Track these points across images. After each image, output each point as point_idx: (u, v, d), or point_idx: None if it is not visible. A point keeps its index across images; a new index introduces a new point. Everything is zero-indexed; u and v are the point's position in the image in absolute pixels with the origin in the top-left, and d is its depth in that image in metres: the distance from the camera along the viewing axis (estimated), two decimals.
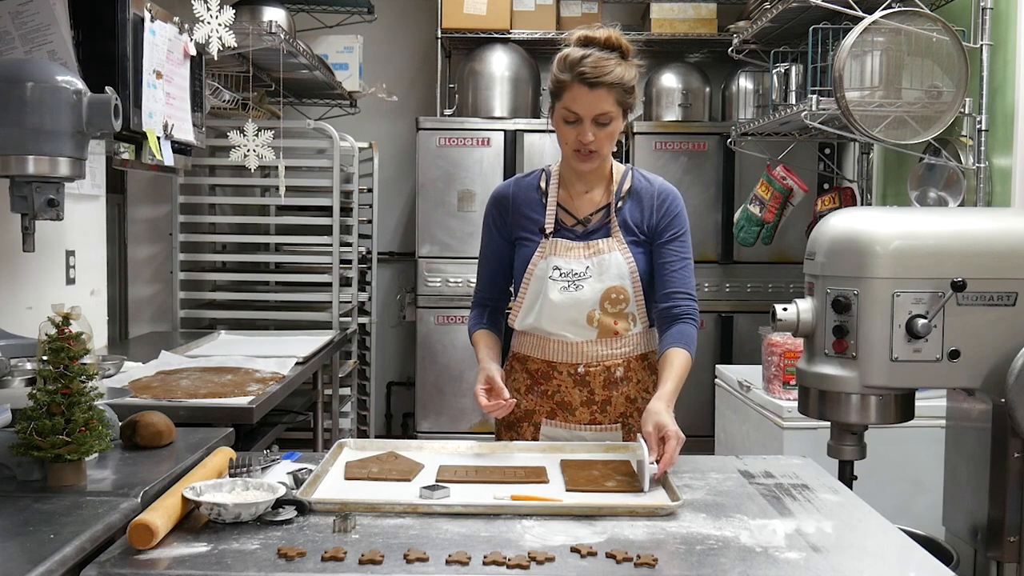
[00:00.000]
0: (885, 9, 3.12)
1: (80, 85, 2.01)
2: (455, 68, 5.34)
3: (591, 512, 1.64)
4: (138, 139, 2.61)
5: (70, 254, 3.12)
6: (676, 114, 4.93)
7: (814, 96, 3.37)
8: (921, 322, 2.09)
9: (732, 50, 4.33)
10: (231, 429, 2.26)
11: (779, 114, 3.80)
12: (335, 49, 4.71)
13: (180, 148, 2.91)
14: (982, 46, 3.17)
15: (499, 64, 4.97)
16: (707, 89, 5.02)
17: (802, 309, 2.22)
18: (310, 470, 1.80)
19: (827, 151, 4.72)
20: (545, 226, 2.21)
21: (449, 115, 5.05)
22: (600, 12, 5.10)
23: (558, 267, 2.17)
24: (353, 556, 1.41)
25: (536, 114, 5.07)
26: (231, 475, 1.76)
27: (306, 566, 1.38)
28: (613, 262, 2.17)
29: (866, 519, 1.68)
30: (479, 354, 2.23)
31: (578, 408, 2.21)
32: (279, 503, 1.59)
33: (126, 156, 2.64)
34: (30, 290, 2.83)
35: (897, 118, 3.14)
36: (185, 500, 1.55)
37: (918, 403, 2.29)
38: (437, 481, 1.79)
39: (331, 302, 4.47)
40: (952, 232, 2.18)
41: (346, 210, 4.60)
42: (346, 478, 1.83)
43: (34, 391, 1.64)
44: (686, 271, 2.21)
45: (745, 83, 4.87)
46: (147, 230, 4.85)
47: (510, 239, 2.27)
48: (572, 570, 1.40)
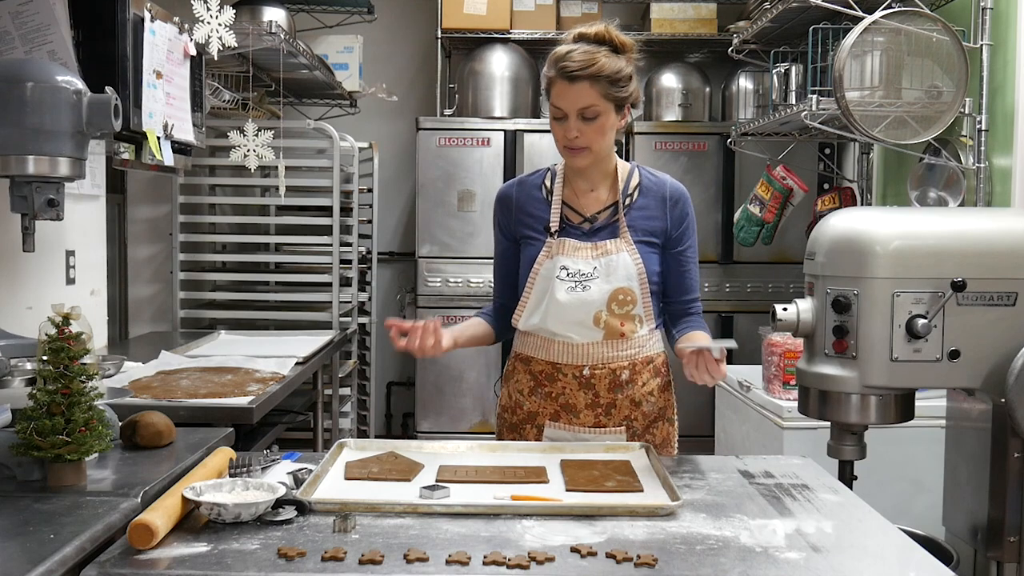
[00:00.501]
0: (885, 9, 3.12)
1: (80, 85, 2.01)
2: (455, 68, 5.35)
3: (591, 512, 1.64)
4: (138, 139, 2.61)
5: (70, 254, 3.12)
6: (676, 114, 4.94)
7: (814, 96, 3.37)
8: (921, 322, 2.09)
9: (732, 50, 4.33)
10: (231, 429, 2.26)
11: (779, 114, 3.80)
12: (335, 49, 4.71)
13: (180, 148, 2.91)
14: (982, 46, 3.17)
15: (499, 64, 4.97)
16: (707, 89, 5.02)
17: (802, 309, 2.22)
18: (310, 470, 1.80)
19: (827, 151, 4.73)
20: (551, 224, 2.20)
21: (449, 115, 5.05)
22: (600, 12, 5.10)
23: (565, 267, 2.16)
24: (353, 556, 1.41)
25: (536, 114, 5.07)
26: (231, 475, 1.76)
27: (306, 566, 1.38)
28: (621, 263, 2.16)
29: (866, 519, 1.68)
30: (454, 327, 2.22)
31: (582, 411, 2.20)
32: (279, 503, 1.59)
33: (126, 156, 2.64)
34: (30, 290, 2.83)
35: (897, 118, 3.14)
36: (185, 500, 1.55)
37: (918, 403, 2.29)
38: (437, 481, 1.79)
39: (331, 302, 4.47)
40: (952, 232, 2.17)
41: (346, 210, 4.60)
42: (346, 478, 1.83)
43: (34, 391, 1.64)
44: (697, 273, 2.29)
45: (745, 83, 4.87)
46: (147, 230, 4.86)
47: (515, 239, 2.26)
48: (572, 570, 1.40)
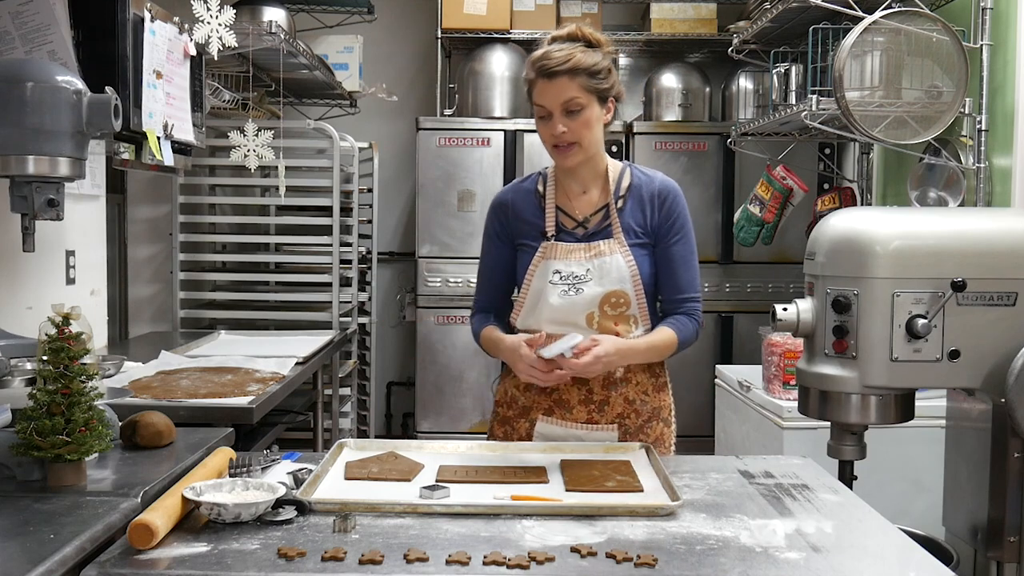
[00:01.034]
0: (885, 9, 3.12)
1: (80, 85, 2.01)
2: (455, 68, 5.35)
3: (591, 512, 1.64)
4: (138, 139, 2.61)
5: (70, 254, 3.12)
6: (676, 114, 4.93)
7: (814, 96, 3.37)
8: (921, 322, 2.09)
9: (732, 50, 4.33)
10: (231, 429, 2.26)
11: (779, 114, 3.80)
12: (335, 49, 4.71)
13: (180, 148, 2.91)
14: (982, 46, 3.17)
15: (499, 64, 4.97)
16: (707, 89, 5.02)
17: (802, 309, 2.22)
18: (310, 470, 1.80)
19: (827, 151, 4.73)
20: (546, 229, 2.21)
21: (449, 115, 5.05)
22: (600, 12, 5.10)
23: (558, 270, 2.16)
24: (353, 556, 1.41)
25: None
26: (231, 475, 1.76)
27: (306, 566, 1.38)
28: (614, 265, 2.16)
29: (866, 519, 1.68)
30: (503, 341, 2.16)
31: (576, 406, 2.20)
32: (279, 503, 1.59)
33: (126, 156, 2.64)
34: (30, 290, 2.83)
35: (897, 118, 3.14)
36: (185, 500, 1.55)
37: (918, 403, 2.29)
38: (437, 481, 1.79)
39: (331, 302, 4.47)
40: (952, 232, 2.18)
41: (346, 210, 4.60)
42: (346, 478, 1.83)
43: (34, 391, 1.64)
44: (692, 271, 2.23)
45: (745, 83, 4.87)
46: (147, 230, 4.85)
47: (513, 245, 2.26)
48: (572, 570, 1.40)
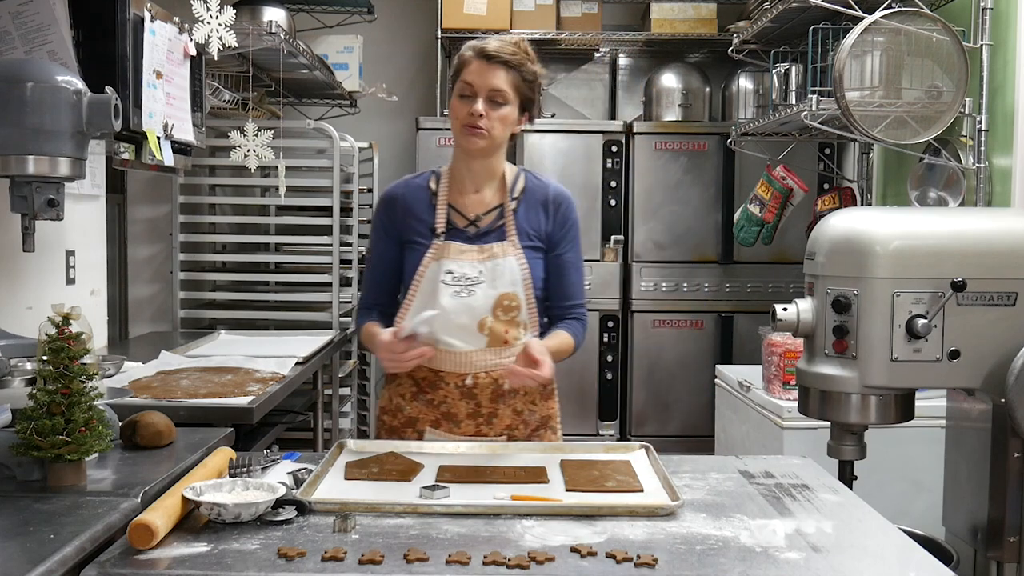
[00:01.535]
0: (885, 9, 3.12)
1: (80, 85, 2.01)
2: None
3: (591, 512, 1.64)
4: (138, 139, 2.61)
5: (70, 254, 3.12)
6: (676, 114, 4.93)
7: (814, 96, 3.37)
8: (921, 322, 2.09)
9: (732, 50, 4.33)
10: (231, 429, 2.26)
11: (779, 114, 3.80)
12: (335, 49, 4.70)
13: (180, 148, 2.91)
14: (982, 46, 3.17)
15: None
16: (707, 89, 5.02)
17: (802, 309, 2.23)
18: (310, 470, 1.80)
19: (827, 151, 4.72)
20: (436, 226, 2.17)
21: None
22: (600, 12, 5.09)
23: (451, 270, 2.12)
24: (353, 556, 1.41)
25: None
26: (231, 475, 1.76)
27: (306, 566, 1.38)
28: (507, 268, 2.13)
29: (866, 519, 1.68)
30: (377, 336, 2.09)
31: (463, 420, 2.17)
32: (279, 503, 1.59)
33: (126, 156, 2.64)
34: (30, 290, 2.83)
35: (897, 118, 3.14)
36: (185, 500, 1.55)
37: (918, 403, 2.29)
38: (437, 481, 1.79)
39: (331, 302, 4.47)
40: (952, 232, 2.18)
41: (346, 210, 4.60)
42: (346, 478, 1.83)
43: (34, 391, 1.64)
44: (581, 278, 2.28)
45: (745, 83, 4.87)
46: (147, 230, 4.86)
47: (399, 241, 2.22)
48: (572, 570, 1.40)
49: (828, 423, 2.28)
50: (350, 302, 4.66)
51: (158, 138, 2.65)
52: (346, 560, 1.40)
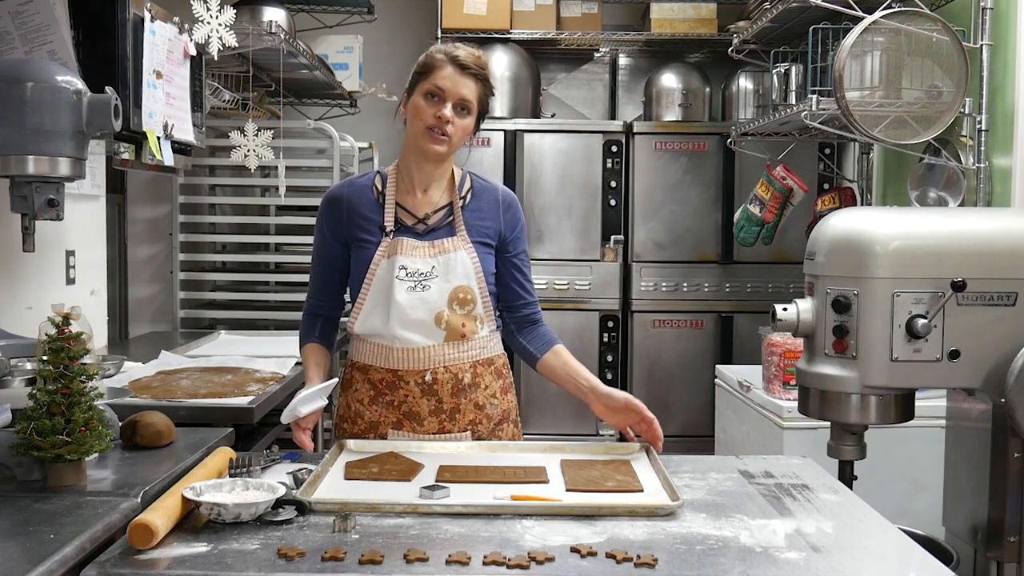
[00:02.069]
0: (885, 9, 3.12)
1: (80, 85, 2.01)
2: None
3: (591, 512, 1.64)
4: (138, 139, 2.61)
5: (70, 254, 3.12)
6: (676, 114, 4.93)
7: (814, 96, 3.37)
8: (921, 322, 2.09)
9: (732, 50, 4.33)
10: (231, 429, 2.26)
11: (779, 114, 3.80)
12: (335, 49, 4.71)
13: (180, 148, 2.91)
14: (982, 46, 3.17)
15: (499, 64, 4.97)
16: (707, 89, 5.02)
17: (802, 309, 2.23)
18: (310, 470, 1.80)
19: (827, 151, 4.73)
20: (385, 224, 2.17)
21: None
22: (600, 12, 5.09)
23: (404, 266, 2.12)
24: (353, 556, 1.41)
25: (536, 114, 5.07)
26: (231, 475, 1.76)
27: (306, 566, 1.38)
28: (459, 261, 2.15)
29: (866, 519, 1.68)
30: (308, 372, 2.19)
31: (426, 418, 2.16)
32: (279, 503, 1.59)
33: (126, 156, 2.64)
34: (30, 290, 2.83)
35: (897, 118, 3.14)
36: (185, 500, 1.55)
37: (918, 403, 2.29)
38: (437, 481, 1.79)
39: None
40: (952, 232, 2.18)
41: None
42: (346, 478, 1.83)
43: (34, 391, 1.64)
44: (531, 276, 2.31)
45: (745, 83, 4.87)
46: (147, 230, 4.86)
47: (345, 242, 2.21)
48: (572, 570, 1.40)
49: (828, 423, 2.28)
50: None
51: (158, 138, 2.65)
52: (346, 560, 1.40)
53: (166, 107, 2.71)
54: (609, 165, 4.82)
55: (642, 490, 1.78)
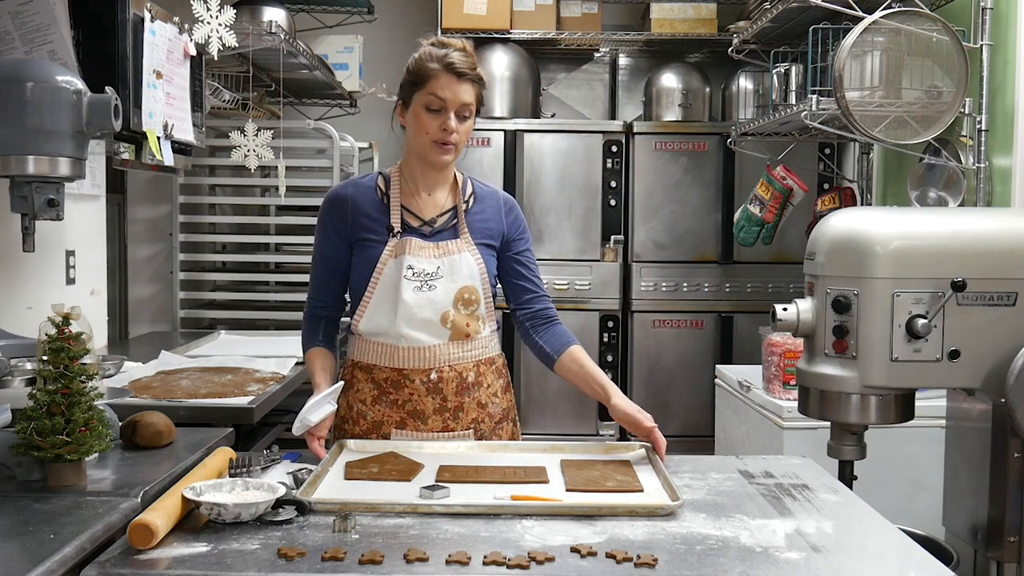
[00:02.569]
0: (885, 9, 3.12)
1: (80, 85, 2.01)
2: None
3: (591, 512, 1.64)
4: (138, 139, 2.61)
5: (70, 254, 3.12)
6: (676, 114, 4.93)
7: (814, 96, 3.37)
8: (921, 322, 2.09)
9: (732, 50, 4.33)
10: (231, 429, 2.27)
11: (779, 114, 3.80)
12: (335, 49, 4.71)
13: (180, 148, 2.91)
14: (982, 46, 3.17)
15: (499, 64, 4.97)
16: (707, 89, 5.02)
17: (802, 309, 2.22)
18: (310, 470, 1.80)
19: (827, 151, 4.73)
20: (392, 224, 2.17)
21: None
22: (600, 12, 5.09)
23: (411, 266, 2.13)
24: (353, 556, 1.41)
25: (536, 114, 5.07)
26: (231, 475, 1.76)
27: (306, 566, 1.38)
28: (464, 263, 2.16)
29: (866, 519, 1.68)
30: (315, 379, 2.17)
31: (430, 416, 2.16)
32: (279, 503, 1.59)
33: (126, 156, 2.64)
34: (30, 290, 2.83)
35: (897, 118, 3.14)
36: (185, 500, 1.55)
37: (918, 403, 2.29)
38: (437, 481, 1.79)
39: None
40: (952, 232, 2.18)
41: None
42: (346, 478, 1.83)
43: (34, 391, 1.64)
44: (538, 273, 2.31)
45: (745, 83, 4.87)
46: (147, 230, 4.86)
47: (349, 242, 2.20)
48: (572, 570, 1.40)
49: (828, 423, 2.28)
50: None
51: (158, 138, 2.65)
52: (346, 560, 1.40)
53: (166, 107, 2.71)
54: (609, 165, 4.82)
55: (642, 490, 1.78)
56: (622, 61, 5.43)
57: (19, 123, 1.93)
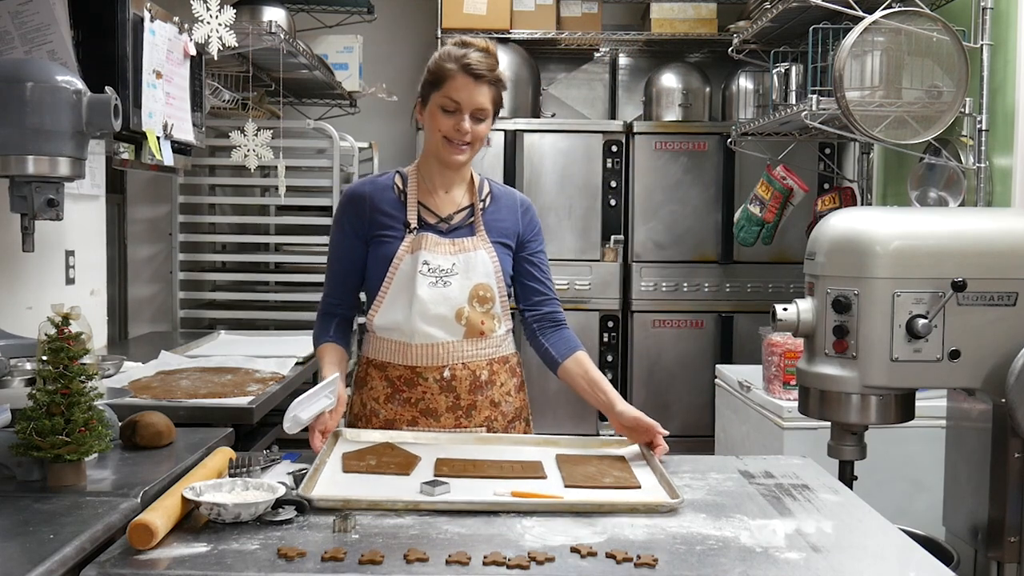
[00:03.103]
0: (885, 9, 3.12)
1: (80, 85, 2.01)
2: None
3: (592, 509, 1.64)
4: (138, 139, 2.61)
5: (70, 254, 3.12)
6: (676, 114, 4.94)
7: (814, 96, 3.37)
8: (921, 322, 2.09)
9: (732, 50, 4.33)
10: (231, 429, 2.26)
11: (779, 114, 3.80)
12: (335, 49, 4.71)
13: (180, 148, 2.91)
14: (982, 46, 3.17)
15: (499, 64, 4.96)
16: (707, 89, 5.02)
17: (802, 309, 2.22)
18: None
19: (827, 151, 4.73)
20: (409, 221, 2.18)
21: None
22: (600, 12, 5.09)
23: (427, 262, 2.13)
24: (353, 556, 1.41)
25: (536, 114, 5.07)
26: (231, 475, 1.76)
27: (306, 566, 1.38)
28: (479, 260, 2.16)
29: (866, 519, 1.68)
30: (324, 372, 2.15)
31: (443, 414, 2.16)
32: (279, 503, 1.59)
33: (126, 156, 2.64)
34: (30, 290, 2.83)
35: (897, 118, 3.14)
36: (185, 500, 1.55)
37: (918, 403, 2.29)
38: (435, 475, 1.79)
39: None
40: (952, 232, 2.18)
41: None
42: (344, 471, 1.83)
43: (34, 391, 1.64)
44: (550, 276, 2.31)
45: (745, 83, 4.87)
46: (147, 230, 4.86)
47: (366, 238, 2.20)
48: (572, 570, 1.40)
49: (828, 423, 2.28)
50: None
51: (158, 138, 2.65)
52: (346, 560, 1.40)
53: (166, 107, 2.71)
54: (609, 165, 4.82)
55: (639, 487, 1.78)
56: (622, 61, 5.43)
57: (19, 123, 1.93)
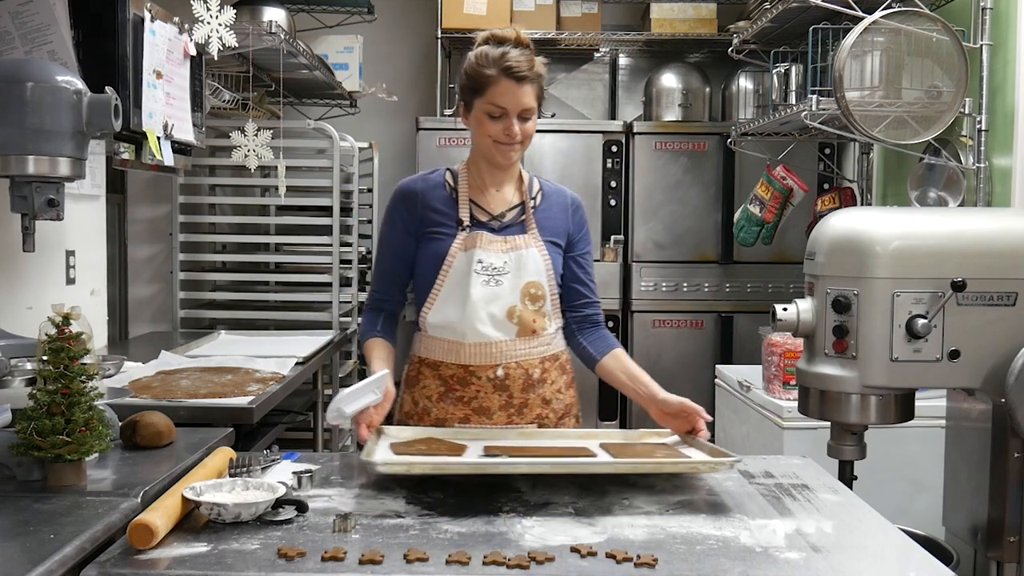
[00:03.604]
0: (885, 9, 3.12)
1: (80, 85, 2.01)
2: (455, 68, 5.34)
3: (653, 470, 1.74)
4: (138, 139, 2.61)
5: (70, 254, 3.12)
6: (676, 114, 4.93)
7: (814, 96, 3.37)
8: (921, 322, 2.09)
9: (732, 50, 4.33)
10: (231, 429, 2.26)
11: (779, 114, 3.80)
12: (335, 49, 4.71)
13: (180, 148, 2.91)
14: (982, 46, 3.17)
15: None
16: (707, 89, 5.02)
17: (802, 309, 2.23)
18: (310, 470, 1.80)
19: (827, 151, 4.72)
20: (461, 218, 2.18)
21: (449, 115, 5.04)
22: (600, 12, 5.09)
23: (480, 260, 2.13)
24: (353, 556, 1.41)
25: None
26: (231, 475, 1.76)
27: (306, 566, 1.38)
28: (531, 258, 2.17)
29: (866, 519, 1.68)
30: (372, 367, 2.14)
31: (496, 412, 2.17)
32: (279, 503, 1.59)
33: (126, 156, 2.64)
34: (30, 290, 2.83)
35: (897, 118, 3.14)
36: (185, 500, 1.55)
37: (918, 403, 2.29)
38: (487, 454, 1.84)
39: (331, 302, 4.47)
40: (952, 232, 2.18)
41: (346, 210, 4.60)
42: (395, 454, 1.83)
43: (34, 391, 1.64)
44: (594, 277, 2.33)
45: (745, 83, 4.87)
46: (147, 230, 4.86)
47: (417, 234, 2.20)
48: (572, 570, 1.40)
49: (828, 423, 2.28)
50: (350, 302, 4.66)
51: (158, 138, 2.65)
52: (346, 560, 1.40)
53: (166, 107, 2.71)
54: (609, 165, 4.82)
55: (690, 459, 1.84)
56: (622, 61, 5.43)
57: (19, 123, 1.93)
